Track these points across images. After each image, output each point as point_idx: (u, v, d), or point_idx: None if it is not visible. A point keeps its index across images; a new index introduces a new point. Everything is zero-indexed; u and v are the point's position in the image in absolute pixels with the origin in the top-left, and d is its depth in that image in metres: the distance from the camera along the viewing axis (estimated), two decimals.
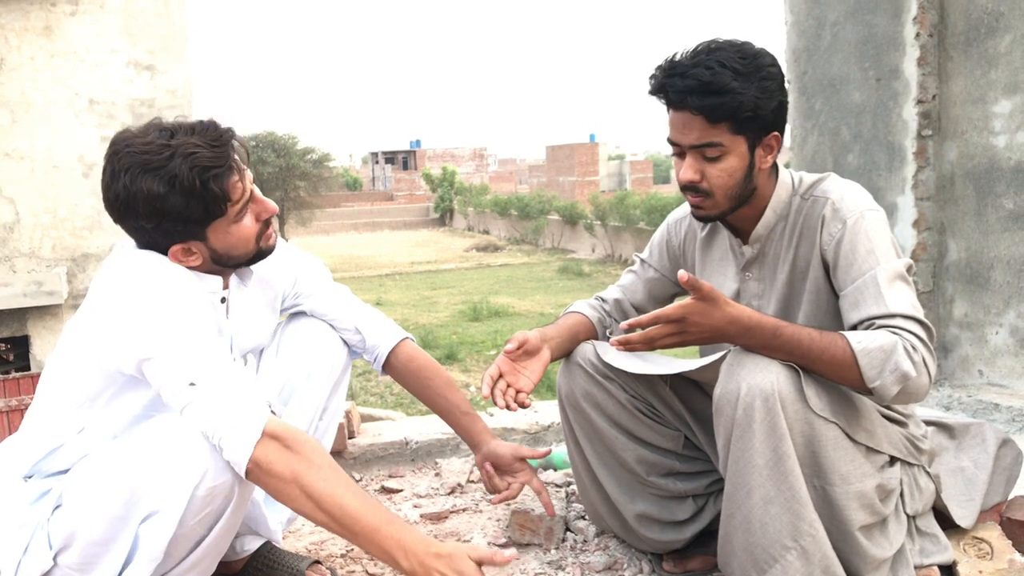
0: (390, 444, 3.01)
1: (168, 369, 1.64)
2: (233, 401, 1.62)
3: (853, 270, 1.78)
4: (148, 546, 1.64)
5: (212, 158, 1.71)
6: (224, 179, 1.73)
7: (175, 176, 1.68)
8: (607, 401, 2.08)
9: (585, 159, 48.66)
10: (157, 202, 1.69)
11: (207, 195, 1.71)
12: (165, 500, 1.61)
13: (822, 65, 3.60)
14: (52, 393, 1.80)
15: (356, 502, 1.61)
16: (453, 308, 23.24)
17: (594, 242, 35.83)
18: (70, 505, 1.68)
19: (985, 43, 3.10)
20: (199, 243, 1.79)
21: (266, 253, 1.89)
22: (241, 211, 1.79)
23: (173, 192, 1.69)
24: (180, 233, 1.76)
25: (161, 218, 1.72)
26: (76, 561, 1.68)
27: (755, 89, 1.77)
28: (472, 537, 2.40)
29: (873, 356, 1.66)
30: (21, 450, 1.79)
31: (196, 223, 1.75)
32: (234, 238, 1.81)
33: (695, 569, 2.12)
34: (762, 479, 1.71)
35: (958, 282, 3.28)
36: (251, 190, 1.81)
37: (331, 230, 46.46)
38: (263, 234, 1.86)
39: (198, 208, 1.72)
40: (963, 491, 2.09)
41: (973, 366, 3.25)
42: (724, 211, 1.91)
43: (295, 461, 1.61)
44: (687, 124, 1.81)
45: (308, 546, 2.38)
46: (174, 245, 1.78)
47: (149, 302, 1.68)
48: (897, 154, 3.33)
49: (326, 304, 2.17)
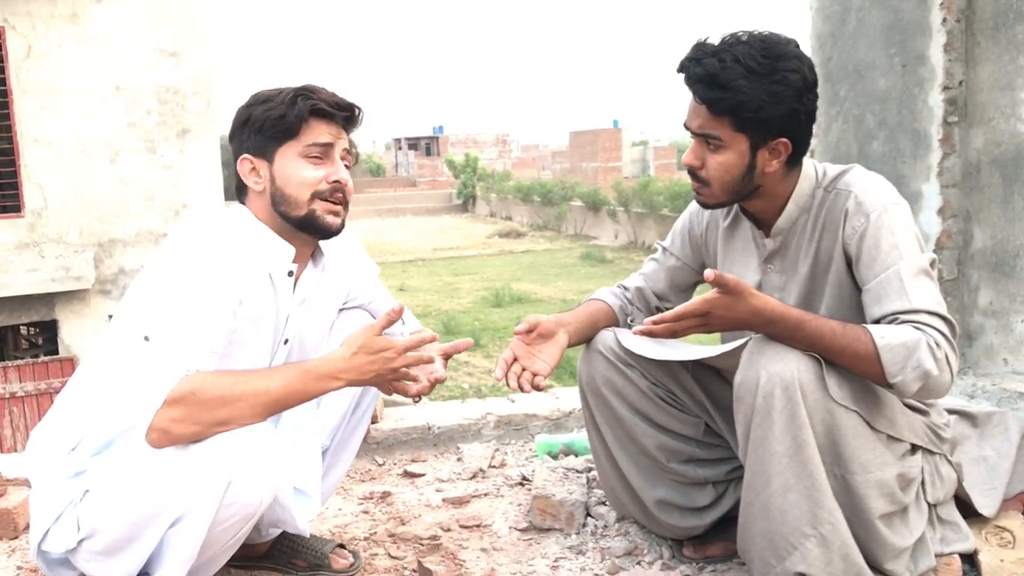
0: (412, 429, 3.04)
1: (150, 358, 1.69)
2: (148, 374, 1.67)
3: (876, 264, 1.77)
4: (180, 549, 1.70)
5: (322, 91, 1.83)
6: (314, 107, 1.81)
7: (280, 91, 1.83)
8: (627, 388, 2.08)
9: (608, 145, 48.38)
10: (255, 105, 1.83)
11: (291, 108, 1.79)
12: (194, 508, 1.67)
13: (847, 51, 3.56)
14: (99, 364, 1.83)
15: (272, 385, 1.74)
16: (475, 294, 23.27)
17: (617, 228, 35.69)
18: (98, 498, 1.73)
19: (1014, 28, 3.06)
20: (266, 164, 1.84)
21: (321, 225, 1.85)
22: (314, 150, 1.83)
23: (271, 99, 1.82)
24: (255, 144, 1.84)
25: (248, 120, 1.84)
26: (99, 549, 1.74)
27: (762, 91, 1.75)
28: (494, 521, 2.43)
29: (896, 352, 1.66)
30: (67, 422, 1.83)
31: (271, 133, 1.82)
32: (293, 172, 1.83)
33: (715, 555, 2.13)
34: (781, 467, 1.71)
35: (983, 270, 3.25)
36: (336, 150, 1.86)
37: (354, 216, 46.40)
38: (325, 198, 1.84)
39: (277, 115, 1.80)
40: (985, 480, 2.08)
41: (998, 355, 3.23)
42: (723, 202, 1.91)
43: (197, 411, 1.66)
44: (695, 110, 1.84)
45: (332, 529, 2.42)
46: (246, 154, 1.85)
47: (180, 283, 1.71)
48: (922, 141, 3.30)
49: (377, 306, 2.16)
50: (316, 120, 1.82)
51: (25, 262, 9.83)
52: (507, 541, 2.32)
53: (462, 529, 2.40)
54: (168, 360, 1.66)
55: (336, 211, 1.87)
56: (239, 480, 1.68)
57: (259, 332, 1.85)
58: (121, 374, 1.73)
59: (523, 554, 2.24)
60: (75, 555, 1.78)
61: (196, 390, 1.66)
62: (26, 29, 9.73)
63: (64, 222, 10.06)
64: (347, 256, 2.06)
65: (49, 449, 1.82)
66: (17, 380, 9.86)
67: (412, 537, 2.34)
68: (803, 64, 1.80)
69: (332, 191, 1.85)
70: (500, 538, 2.34)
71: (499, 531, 2.37)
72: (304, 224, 1.85)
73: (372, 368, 1.80)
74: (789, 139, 1.82)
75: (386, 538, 2.35)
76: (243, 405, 1.70)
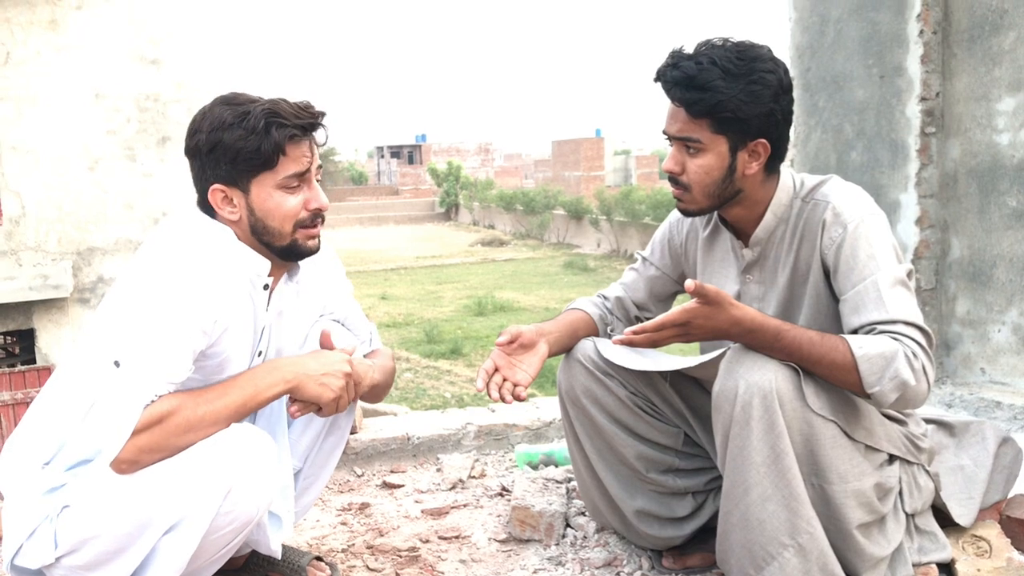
0: (392, 439, 3.02)
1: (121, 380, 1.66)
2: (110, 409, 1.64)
3: (854, 275, 1.78)
4: (171, 557, 1.67)
5: (290, 114, 1.74)
6: (288, 135, 1.74)
7: (247, 113, 1.72)
8: (607, 397, 2.08)
9: (591, 154, 48.53)
10: (220, 131, 1.72)
11: (266, 139, 1.72)
12: (191, 515, 1.64)
13: (825, 62, 3.59)
14: (72, 377, 1.79)
15: (230, 398, 1.72)
16: (458, 303, 23.24)
17: (599, 237, 35.79)
18: (81, 512, 1.69)
19: (989, 40, 3.09)
20: (240, 194, 1.78)
21: (303, 251, 1.85)
22: (292, 181, 1.77)
23: (238, 124, 1.72)
24: (227, 173, 1.76)
25: (215, 147, 1.73)
26: (82, 564, 1.70)
27: (740, 91, 1.77)
28: (473, 532, 2.41)
29: (874, 362, 1.67)
30: (40, 435, 1.80)
31: (245, 166, 1.74)
32: (274, 206, 1.78)
33: (694, 565, 2.13)
34: (760, 476, 1.71)
35: (961, 280, 3.28)
36: (312, 173, 1.81)
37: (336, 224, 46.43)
38: (306, 226, 1.82)
39: (251, 147, 1.72)
40: (963, 489, 2.09)
41: (975, 364, 3.25)
42: (704, 208, 1.92)
43: (164, 438, 1.65)
44: (674, 115, 1.86)
45: (309, 540, 2.40)
46: (218, 184, 1.77)
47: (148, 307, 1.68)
48: (900, 151, 3.33)
49: (351, 321, 2.14)
50: (292, 146, 1.76)
51: (2, 270, 9.72)
52: (486, 552, 2.31)
53: (441, 540, 2.39)
54: (136, 389, 1.64)
55: (315, 235, 1.85)
56: (239, 488, 1.66)
57: (237, 346, 1.82)
58: (92, 400, 1.71)
59: (502, 565, 2.22)
60: (52, 570, 1.74)
61: (164, 417, 1.64)
62: (4, 35, 9.64)
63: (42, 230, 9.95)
64: (323, 271, 2.04)
65: (22, 462, 1.79)
66: None
67: (391, 549, 2.32)
68: (778, 66, 1.83)
69: (313, 218, 1.83)
70: (479, 549, 2.32)
71: (478, 542, 2.36)
72: (285, 252, 1.84)
73: (313, 365, 1.82)
74: (767, 140, 1.84)
75: (364, 550, 2.34)
76: (207, 424, 1.69)
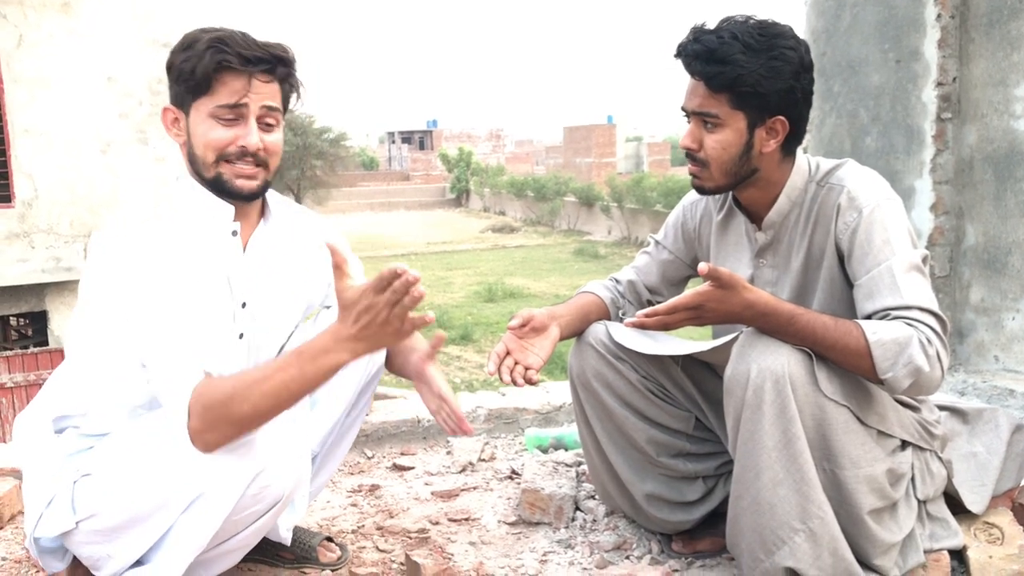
0: (402, 422, 3.03)
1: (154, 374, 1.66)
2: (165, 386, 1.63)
3: (868, 260, 1.77)
4: (192, 534, 1.66)
5: (236, 43, 1.68)
6: (223, 60, 1.67)
7: (196, 40, 1.69)
8: (618, 381, 2.08)
9: (602, 140, 48.41)
10: (176, 52, 1.72)
11: (200, 62, 1.67)
12: (216, 491, 1.63)
13: (841, 46, 3.56)
14: (91, 349, 1.78)
15: (281, 379, 1.59)
16: (468, 289, 23.28)
17: (610, 224, 35.72)
18: (104, 481, 1.69)
19: (1008, 25, 3.05)
20: (184, 116, 1.75)
21: (230, 190, 1.75)
22: (225, 112, 1.70)
23: (189, 47, 1.69)
24: (175, 95, 1.75)
25: (170, 68, 1.73)
26: (103, 527, 1.70)
27: (760, 66, 1.76)
28: (482, 515, 2.42)
29: (887, 348, 1.65)
30: (53, 407, 1.81)
31: (184, 87, 1.71)
32: (201, 132, 1.72)
33: (704, 550, 2.12)
34: (771, 461, 1.70)
35: (975, 267, 3.25)
36: (251, 111, 1.72)
37: (347, 209, 46.48)
38: (231, 161, 1.73)
39: (188, 68, 1.68)
40: (975, 476, 2.08)
41: (989, 351, 3.23)
42: (720, 185, 1.90)
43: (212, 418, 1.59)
44: (693, 89, 1.85)
45: (320, 521, 2.41)
46: (170, 105, 1.76)
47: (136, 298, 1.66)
48: (916, 137, 3.30)
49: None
50: (229, 76, 1.68)
51: (15, 252, 9.79)
52: (496, 535, 2.31)
53: (451, 522, 2.39)
54: (170, 385, 1.63)
55: (249, 174, 1.75)
56: (269, 470, 1.66)
57: (213, 296, 1.77)
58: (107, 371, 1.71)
59: (512, 548, 2.23)
60: (71, 537, 1.74)
61: (200, 396, 1.60)
62: (18, 18, 9.67)
63: (55, 213, 10.01)
64: (318, 227, 1.98)
65: (36, 433, 1.80)
66: (6, 371, 9.83)
67: (400, 530, 2.33)
68: (800, 44, 1.82)
69: (240, 155, 1.73)
70: (489, 532, 2.33)
71: (488, 525, 2.37)
72: (214, 186, 1.76)
73: (364, 319, 1.56)
74: (786, 118, 1.83)
75: (374, 531, 2.34)
76: (250, 398, 1.59)
